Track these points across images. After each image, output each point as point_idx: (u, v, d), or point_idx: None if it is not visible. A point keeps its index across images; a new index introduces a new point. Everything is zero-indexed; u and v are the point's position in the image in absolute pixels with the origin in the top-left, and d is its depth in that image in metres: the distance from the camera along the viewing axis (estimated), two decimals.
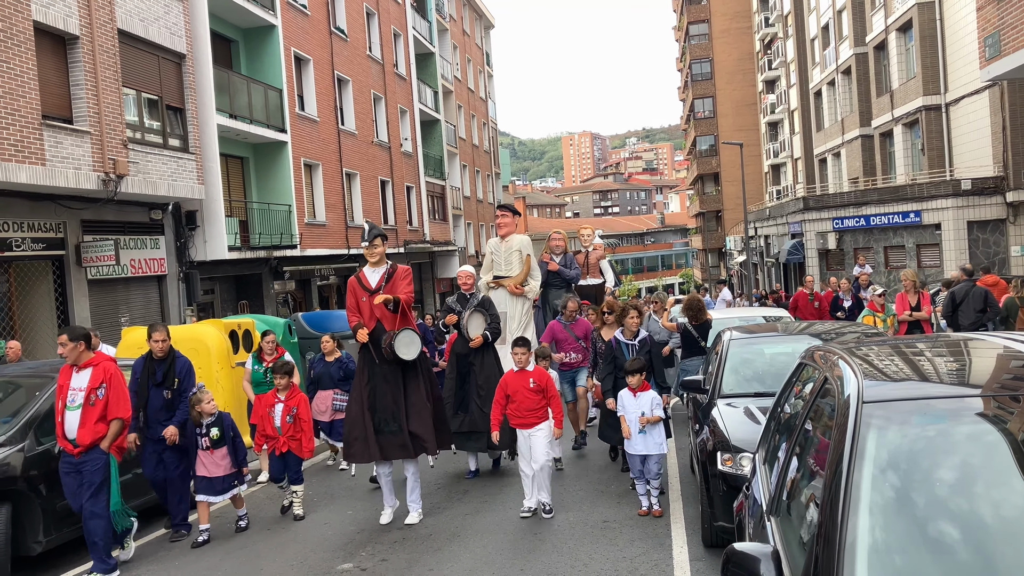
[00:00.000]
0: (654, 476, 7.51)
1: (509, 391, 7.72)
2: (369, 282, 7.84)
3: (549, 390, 7.67)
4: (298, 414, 8.33)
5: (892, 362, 3.41)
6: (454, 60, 44.08)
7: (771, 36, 55.91)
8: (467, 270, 9.44)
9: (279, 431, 8.24)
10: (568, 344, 10.39)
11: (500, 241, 11.56)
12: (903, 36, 31.34)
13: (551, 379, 7.79)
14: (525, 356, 7.70)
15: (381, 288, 7.74)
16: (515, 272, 11.30)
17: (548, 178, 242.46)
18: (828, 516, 2.32)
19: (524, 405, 7.63)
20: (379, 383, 7.72)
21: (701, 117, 68.94)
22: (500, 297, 11.05)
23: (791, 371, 4.54)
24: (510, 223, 11.60)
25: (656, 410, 7.53)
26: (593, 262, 13.25)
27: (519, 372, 7.72)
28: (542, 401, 7.65)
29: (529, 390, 7.63)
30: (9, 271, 14.34)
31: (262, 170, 23.09)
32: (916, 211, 29.24)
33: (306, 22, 25.13)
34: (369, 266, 7.94)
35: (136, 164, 15.96)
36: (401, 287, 7.81)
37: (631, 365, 7.67)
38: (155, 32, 17.07)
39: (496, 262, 11.50)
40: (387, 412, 7.67)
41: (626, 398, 7.67)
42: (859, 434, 2.51)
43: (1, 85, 12.75)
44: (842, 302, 15.38)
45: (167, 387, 7.81)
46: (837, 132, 39.70)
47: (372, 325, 7.73)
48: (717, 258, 71.60)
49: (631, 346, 8.54)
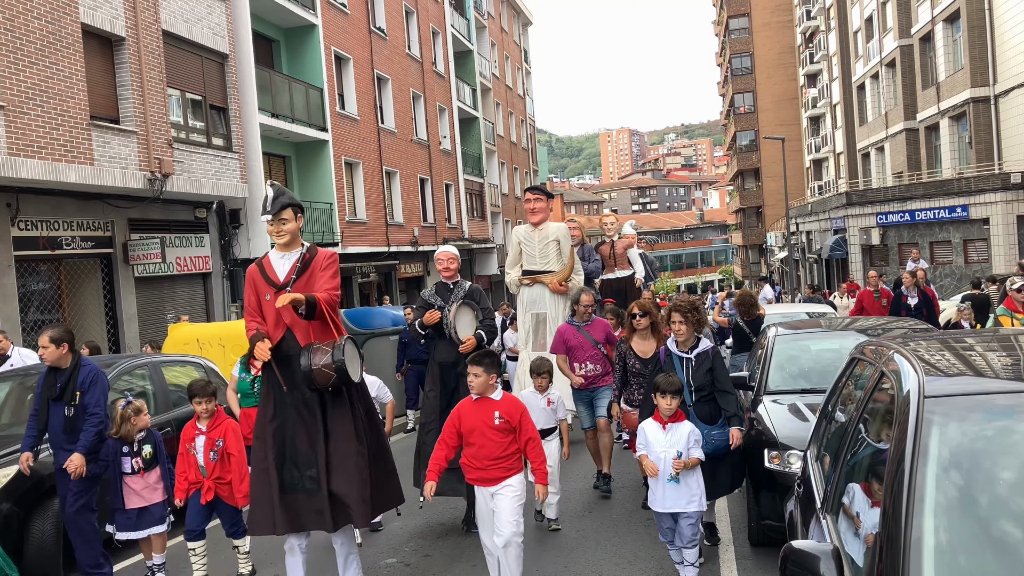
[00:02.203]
0: (688, 542, 5.54)
1: (463, 428, 5.35)
2: (275, 273, 5.47)
3: (524, 428, 5.33)
4: (225, 448, 6.24)
5: (944, 357, 3.33)
6: (492, 58, 44.11)
7: (813, 29, 55.18)
8: (448, 251, 7.49)
9: (203, 472, 6.22)
10: (583, 352, 8.11)
11: (532, 229, 10.01)
12: (950, 27, 30.72)
13: (525, 411, 5.43)
14: (482, 379, 5.31)
15: (291, 283, 5.37)
16: (552, 266, 9.87)
17: (586, 175, 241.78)
18: (891, 516, 2.26)
19: (485, 450, 5.28)
20: (290, 419, 5.36)
21: (741, 112, 68.25)
22: (537, 296, 9.89)
23: (842, 367, 4.47)
24: (545, 208, 10.05)
25: (695, 449, 5.53)
26: (620, 252, 11.80)
27: (478, 401, 5.37)
28: (512, 446, 5.32)
29: (492, 429, 5.26)
30: (60, 269, 14.65)
31: (304, 168, 23.32)
32: (963, 205, 28.68)
33: (346, 21, 25.31)
34: (277, 249, 5.52)
35: (181, 163, 16.20)
36: (321, 281, 5.38)
37: (664, 382, 5.58)
38: (198, 33, 17.31)
39: (529, 254, 9.99)
40: (301, 461, 5.32)
41: (651, 431, 5.61)
42: (921, 431, 2.45)
43: (51, 87, 13.01)
44: (905, 299, 13.32)
45: (65, 402, 6.22)
46: (881, 126, 39.05)
47: (279, 335, 5.35)
48: (758, 254, 70.88)
49: (687, 360, 6.14)
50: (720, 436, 5.90)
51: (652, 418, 5.66)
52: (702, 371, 6.04)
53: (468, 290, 7.33)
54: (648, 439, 5.62)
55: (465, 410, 5.41)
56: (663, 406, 5.55)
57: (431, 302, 7.33)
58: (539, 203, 9.99)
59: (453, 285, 7.37)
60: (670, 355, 6.25)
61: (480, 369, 5.31)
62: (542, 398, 6.96)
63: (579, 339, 8.15)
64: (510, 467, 5.32)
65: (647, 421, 5.69)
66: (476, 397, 5.38)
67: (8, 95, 12.22)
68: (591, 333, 8.19)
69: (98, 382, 6.32)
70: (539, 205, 9.98)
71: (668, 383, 5.56)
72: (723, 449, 5.88)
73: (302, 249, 5.52)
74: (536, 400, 6.90)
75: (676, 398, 5.54)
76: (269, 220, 5.38)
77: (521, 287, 10.05)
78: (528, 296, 9.97)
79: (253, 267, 5.57)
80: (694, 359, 6.11)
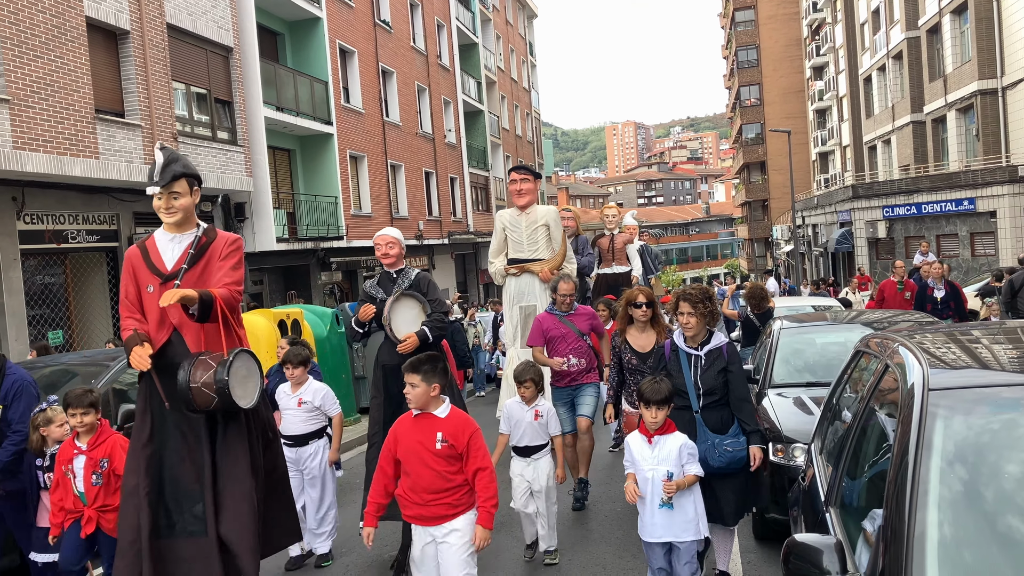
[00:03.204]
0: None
1: (399, 452, 4.30)
2: (162, 260, 4.37)
3: (472, 454, 4.19)
4: (111, 468, 5.16)
5: (950, 349, 3.31)
6: (497, 51, 44.03)
7: (819, 21, 54.93)
8: (386, 234, 6.40)
9: (82, 499, 5.18)
10: (566, 343, 7.14)
11: (519, 213, 9.20)
12: (958, 19, 30.55)
13: (476, 433, 4.28)
14: (420, 390, 4.20)
15: (181, 273, 4.29)
16: (541, 253, 9.10)
17: (591, 168, 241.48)
18: (895, 510, 2.25)
19: (424, 481, 4.20)
20: (171, 445, 4.31)
21: (747, 105, 68.01)
22: (525, 287, 9.12)
23: (846, 360, 4.45)
24: (532, 189, 9.15)
25: (690, 465, 4.75)
26: (619, 247, 11.20)
27: (419, 419, 4.29)
28: (459, 476, 4.22)
29: (433, 454, 4.19)
30: (65, 262, 14.68)
31: (309, 162, 23.32)
32: (970, 198, 28.58)
33: (351, 14, 25.28)
34: (165, 229, 4.43)
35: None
36: (220, 273, 4.32)
37: (650, 389, 4.75)
38: (203, 26, 17.29)
39: (515, 240, 9.19)
40: (183, 497, 4.27)
41: (636, 445, 4.85)
42: (925, 424, 2.44)
43: (56, 80, 13.02)
44: (931, 291, 12.22)
45: None
46: (887, 119, 38.89)
47: (162, 338, 4.29)
48: (763, 248, 70.75)
49: (695, 358, 5.23)
50: (734, 446, 5.02)
51: (638, 430, 4.89)
52: (713, 372, 5.17)
53: (414, 279, 6.35)
54: (633, 456, 4.85)
55: (402, 430, 4.31)
56: (648, 419, 4.76)
57: (372, 295, 6.42)
58: (526, 184, 9.13)
59: (396, 274, 6.42)
60: (676, 351, 5.30)
61: (417, 377, 4.17)
62: (528, 410, 5.94)
63: (561, 329, 7.18)
64: (457, 503, 4.20)
65: (632, 435, 4.93)
66: (416, 413, 4.29)
67: (13, 89, 12.23)
68: (574, 323, 7.22)
69: (23, 395, 5.60)
70: (526, 186, 9.12)
71: (653, 390, 4.73)
72: (737, 464, 5.02)
73: (197, 231, 4.42)
74: (522, 412, 5.97)
75: (663, 408, 4.74)
76: (158, 193, 4.32)
77: (507, 278, 9.29)
78: (515, 287, 9.21)
79: (134, 250, 4.44)
80: (704, 357, 5.21)
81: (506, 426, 6.05)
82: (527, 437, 5.97)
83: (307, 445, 6.41)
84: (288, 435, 6.34)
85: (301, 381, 6.43)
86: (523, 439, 5.98)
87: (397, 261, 6.40)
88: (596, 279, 11.08)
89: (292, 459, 6.25)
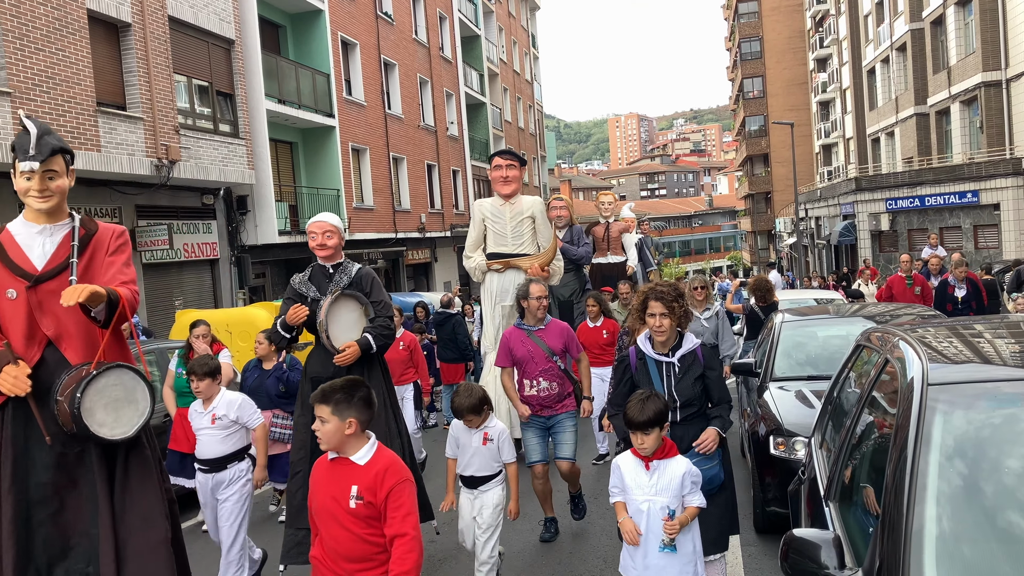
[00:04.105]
0: None
1: (313, 507, 3.45)
2: (27, 257, 3.44)
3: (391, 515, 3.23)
4: None
5: (952, 344, 3.30)
6: (500, 43, 43.94)
7: (823, 13, 54.74)
8: (327, 222, 5.33)
9: None
10: (535, 365, 6.00)
11: (502, 203, 8.40)
12: (962, 10, 30.43)
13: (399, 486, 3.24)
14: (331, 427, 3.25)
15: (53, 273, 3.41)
16: (527, 247, 8.31)
17: (594, 161, 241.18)
18: (893, 504, 2.25)
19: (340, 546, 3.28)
20: (48, 484, 3.32)
21: (750, 97, 67.84)
22: (510, 285, 8.18)
23: (847, 354, 4.45)
24: (519, 177, 8.37)
25: (692, 496, 3.95)
26: (615, 236, 10.63)
27: (334, 464, 3.34)
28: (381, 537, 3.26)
29: (348, 513, 3.27)
30: None
31: (311, 155, 23.31)
32: (973, 191, 28.51)
33: (352, 6, 25.23)
34: (28, 218, 3.53)
35: (188, 150, 16.20)
36: (112, 270, 3.53)
37: (638, 411, 3.88)
38: (204, 18, 17.27)
39: (498, 233, 8.39)
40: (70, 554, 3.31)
41: (628, 470, 3.99)
42: (924, 419, 2.43)
43: (58, 73, 13.01)
44: (952, 290, 11.20)
45: None
46: (891, 111, 38.78)
47: (34, 356, 3.35)
48: (766, 240, 70.65)
49: (667, 366, 4.52)
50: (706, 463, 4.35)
51: (630, 451, 4.03)
52: (689, 380, 4.47)
53: (355, 275, 5.30)
54: (625, 482, 3.98)
55: (316, 479, 3.37)
56: (637, 443, 3.93)
57: (302, 292, 5.33)
58: (512, 170, 8.33)
59: (334, 269, 5.34)
60: (643, 359, 4.58)
61: (327, 409, 3.20)
62: (476, 432, 5.05)
63: (528, 347, 6.03)
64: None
65: (623, 455, 4.07)
66: (332, 456, 3.32)
67: (15, 82, 12.22)
68: (545, 340, 6.06)
69: None
70: (512, 173, 8.33)
71: (638, 410, 3.85)
72: (713, 486, 4.36)
73: (72, 222, 3.55)
74: (468, 437, 5.07)
75: (652, 432, 3.86)
76: (33, 169, 3.36)
77: (489, 274, 8.46)
78: (498, 284, 8.40)
79: None
80: (677, 363, 4.50)
81: (452, 449, 5.16)
82: (474, 465, 5.05)
83: (225, 470, 5.37)
84: (204, 459, 5.44)
85: (210, 394, 5.46)
86: (469, 467, 5.07)
87: (335, 253, 5.38)
88: (590, 269, 10.59)
89: (207, 487, 5.42)
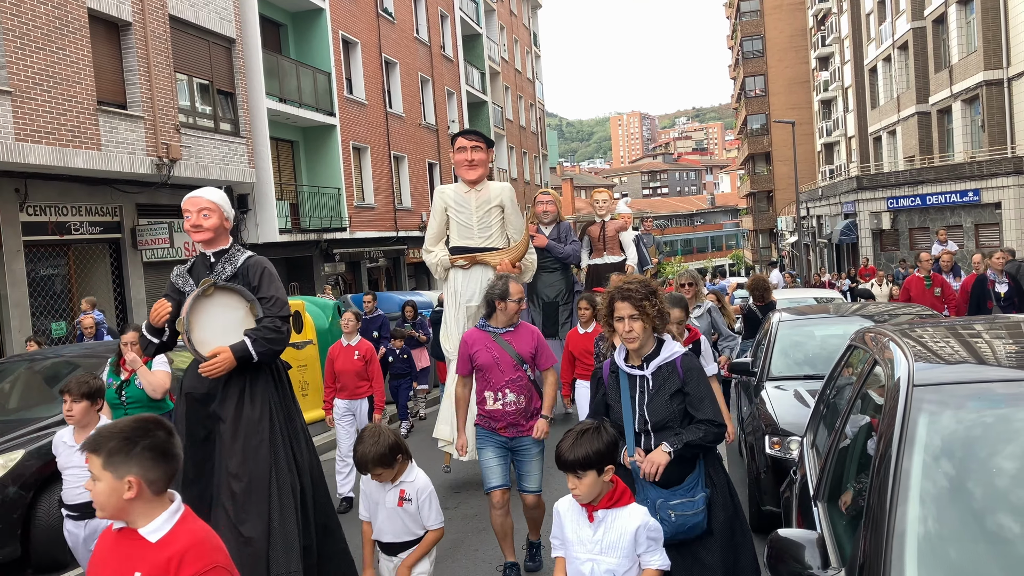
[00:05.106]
0: None
1: None
2: None
3: None
4: None
5: (948, 344, 3.31)
6: (501, 41, 43.92)
7: (824, 11, 54.69)
8: (204, 197, 4.23)
9: None
10: (501, 374, 5.13)
11: (467, 190, 7.49)
12: (964, 9, 30.39)
13: (202, 571, 2.26)
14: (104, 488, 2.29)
15: None
16: (496, 241, 7.40)
17: (596, 159, 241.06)
18: (876, 503, 2.26)
19: None
20: None
21: (752, 95, 67.79)
22: (476, 283, 7.38)
23: (840, 353, 4.46)
24: (485, 161, 7.49)
25: (651, 555, 3.17)
26: (611, 235, 9.81)
27: (120, 536, 2.38)
28: None
29: None
30: (68, 254, 14.73)
31: (312, 153, 23.33)
32: (975, 189, 28.48)
33: (353, 5, 25.23)
34: None
35: (188, 148, 16.23)
36: None
37: (565, 446, 3.16)
38: (205, 17, 17.29)
39: (463, 224, 7.46)
40: None
41: (570, 521, 3.27)
42: (909, 419, 2.44)
43: (58, 72, 13.04)
44: (992, 284, 9.99)
45: None
46: (892, 109, 38.74)
47: None
48: (768, 239, 70.59)
49: (640, 380, 3.75)
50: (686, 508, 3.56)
51: (570, 498, 3.26)
52: (663, 396, 3.67)
53: (240, 265, 4.25)
54: (565, 534, 3.26)
55: (98, 554, 2.46)
56: (571, 487, 3.16)
57: (179, 287, 4.32)
58: (478, 153, 7.43)
59: (215, 257, 4.29)
60: (615, 372, 3.84)
61: (97, 462, 2.31)
62: (389, 490, 3.95)
63: (494, 353, 5.13)
64: None
65: (564, 500, 3.31)
66: (116, 527, 2.40)
67: (15, 80, 12.25)
68: (514, 344, 5.16)
69: None
70: (478, 156, 7.43)
71: (571, 446, 3.10)
72: (690, 532, 3.58)
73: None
74: (380, 494, 3.98)
75: (586, 474, 3.08)
76: None
77: (452, 271, 7.55)
78: (462, 283, 7.50)
79: None
80: (651, 378, 3.72)
81: (365, 509, 4.11)
82: (388, 530, 3.97)
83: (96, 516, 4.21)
84: (73, 504, 4.60)
85: (86, 422, 4.51)
86: (383, 532, 3.99)
87: (217, 237, 4.27)
88: (587, 270, 9.97)
89: (79, 539, 4.65)
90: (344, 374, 7.59)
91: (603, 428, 3.20)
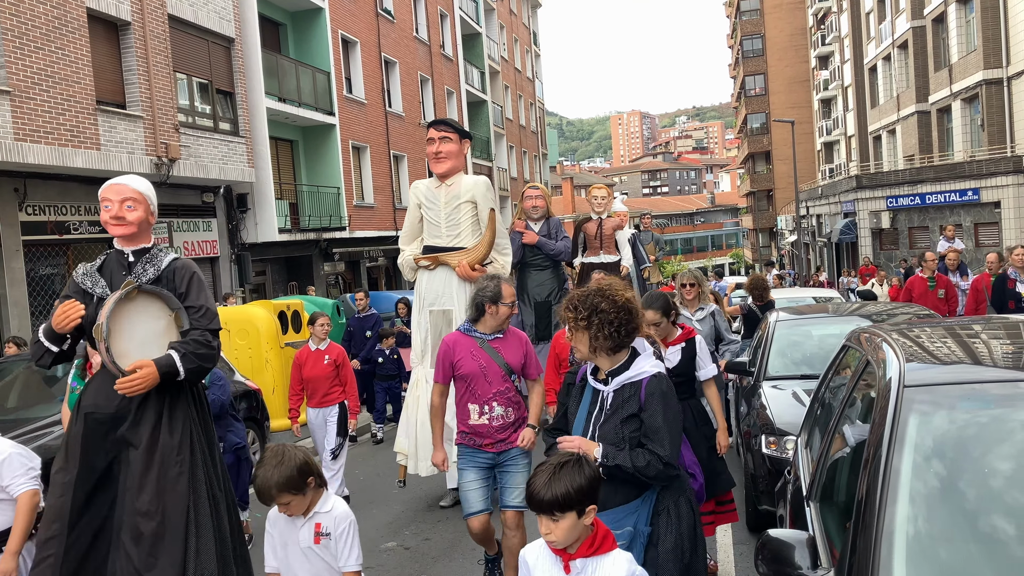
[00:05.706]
0: None
1: None
2: None
3: None
4: None
5: (944, 345, 3.32)
6: (501, 40, 43.92)
7: (824, 10, 54.69)
8: (126, 185, 3.66)
9: None
10: (488, 385, 4.66)
11: (437, 184, 6.98)
12: (963, 8, 30.38)
13: None
14: None
15: None
16: (465, 239, 6.87)
17: (596, 158, 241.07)
18: (866, 503, 2.27)
19: None
20: None
21: (752, 94, 67.79)
22: (440, 285, 6.91)
23: (835, 354, 4.47)
24: (456, 152, 6.89)
25: None
26: (608, 233, 9.52)
27: None
28: None
29: None
30: (67, 253, 14.74)
31: (311, 153, 23.34)
32: (974, 189, 28.48)
33: (353, 4, 25.24)
34: None
35: (188, 148, 16.24)
36: None
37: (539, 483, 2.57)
38: (204, 16, 17.29)
39: (431, 221, 6.95)
40: None
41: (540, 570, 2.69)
42: (899, 419, 2.45)
43: (57, 71, 13.05)
44: (1013, 284, 9.37)
45: None
46: (892, 108, 38.74)
47: None
48: (768, 238, 70.59)
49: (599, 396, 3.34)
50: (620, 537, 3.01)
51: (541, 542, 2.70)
52: (616, 420, 3.24)
53: (165, 268, 3.67)
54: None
55: None
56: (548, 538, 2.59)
57: (86, 288, 3.65)
58: (447, 144, 6.85)
59: (135, 256, 3.71)
60: (588, 390, 3.40)
61: None
62: (303, 524, 3.28)
63: (481, 361, 4.65)
64: None
65: (533, 546, 2.77)
66: None
67: (14, 80, 12.25)
68: (502, 353, 4.69)
69: None
70: (447, 147, 6.84)
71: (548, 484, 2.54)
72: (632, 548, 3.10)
73: None
74: (290, 531, 3.31)
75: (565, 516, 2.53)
76: None
77: (419, 271, 7.11)
78: (427, 285, 7.01)
79: None
80: (611, 396, 3.29)
81: (272, 556, 3.38)
82: (297, 568, 3.28)
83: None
84: None
85: None
86: (291, 572, 3.30)
87: (140, 234, 3.72)
88: (580, 269, 9.66)
89: None
90: (313, 380, 7.20)
91: (584, 461, 2.64)
